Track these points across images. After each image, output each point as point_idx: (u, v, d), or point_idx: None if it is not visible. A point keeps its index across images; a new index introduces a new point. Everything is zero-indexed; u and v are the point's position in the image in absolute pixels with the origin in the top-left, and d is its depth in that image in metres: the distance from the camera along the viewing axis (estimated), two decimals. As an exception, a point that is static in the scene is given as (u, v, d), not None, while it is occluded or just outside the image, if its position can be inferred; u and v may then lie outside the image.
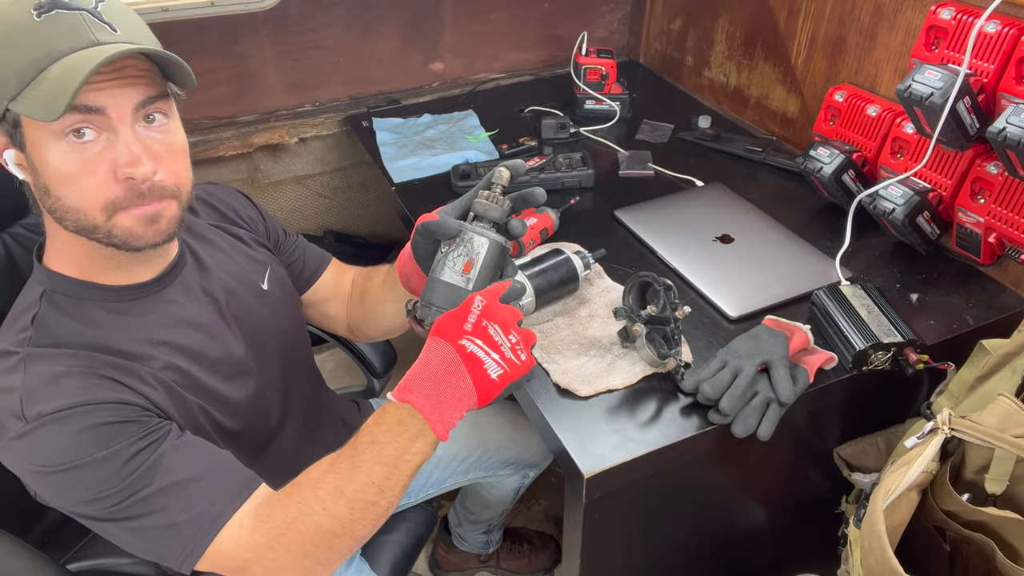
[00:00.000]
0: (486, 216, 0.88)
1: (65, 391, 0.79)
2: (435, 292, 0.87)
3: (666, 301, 1.02)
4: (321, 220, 2.05)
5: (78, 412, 0.78)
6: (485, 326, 0.79)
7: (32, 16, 0.74)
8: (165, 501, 0.80)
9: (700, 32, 1.88)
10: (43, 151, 0.77)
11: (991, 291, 1.22)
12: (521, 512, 1.98)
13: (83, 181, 0.78)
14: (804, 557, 1.31)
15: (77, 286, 0.87)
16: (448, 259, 0.87)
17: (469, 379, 0.78)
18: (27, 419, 0.78)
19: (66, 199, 0.79)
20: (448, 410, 0.79)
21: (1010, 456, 0.91)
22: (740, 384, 0.98)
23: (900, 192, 1.23)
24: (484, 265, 0.86)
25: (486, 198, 0.88)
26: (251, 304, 1.03)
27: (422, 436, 0.79)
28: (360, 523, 0.80)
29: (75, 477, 0.78)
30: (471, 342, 0.78)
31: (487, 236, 0.86)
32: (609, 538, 1.09)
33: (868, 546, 0.93)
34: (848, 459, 1.19)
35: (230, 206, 1.11)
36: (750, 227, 1.36)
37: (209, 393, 0.93)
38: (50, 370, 0.80)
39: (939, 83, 1.11)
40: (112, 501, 0.79)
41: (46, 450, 0.78)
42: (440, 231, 0.86)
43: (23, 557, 0.90)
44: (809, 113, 1.60)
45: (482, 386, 0.79)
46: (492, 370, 0.78)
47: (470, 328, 0.79)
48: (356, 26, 1.81)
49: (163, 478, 0.80)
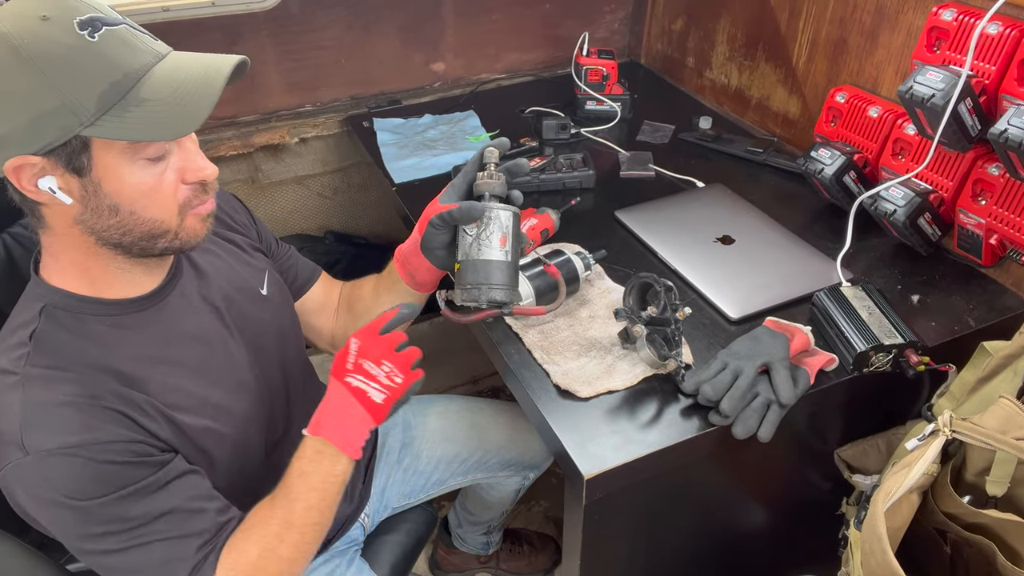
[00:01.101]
0: (493, 193, 0.92)
1: (68, 425, 0.79)
2: (481, 272, 0.91)
3: (667, 302, 1.02)
4: (322, 220, 2.05)
5: (83, 451, 0.78)
6: (360, 363, 0.93)
7: (86, 38, 0.73)
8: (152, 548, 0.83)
9: (701, 33, 1.87)
10: (118, 173, 0.78)
11: (992, 293, 1.22)
12: (521, 513, 1.98)
13: (160, 192, 0.81)
14: (804, 559, 1.30)
15: (77, 301, 0.86)
16: (481, 238, 0.91)
17: (360, 407, 0.92)
18: (27, 450, 0.77)
19: (144, 212, 0.81)
20: (351, 435, 0.92)
21: (1011, 458, 0.90)
22: (741, 385, 0.97)
23: (901, 193, 1.23)
24: (513, 234, 0.92)
25: (489, 176, 0.92)
26: (251, 310, 1.03)
27: (338, 459, 0.92)
28: (311, 544, 0.92)
29: (77, 513, 0.79)
30: (354, 378, 0.92)
31: (509, 209, 0.91)
32: (609, 539, 1.09)
33: (869, 548, 0.93)
34: (849, 461, 1.18)
35: (226, 212, 1.10)
36: (751, 228, 1.36)
37: (213, 408, 0.93)
38: (51, 397, 0.79)
39: (941, 84, 1.11)
40: (109, 542, 0.81)
41: (48, 483, 0.78)
42: (469, 216, 0.91)
43: (22, 557, 0.90)
44: (810, 114, 1.60)
45: (372, 409, 0.92)
46: (376, 396, 0.92)
47: (351, 367, 0.93)
48: (357, 26, 1.81)
49: (158, 525, 0.83)
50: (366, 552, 1.27)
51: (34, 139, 0.74)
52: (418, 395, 1.47)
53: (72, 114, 0.73)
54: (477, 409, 1.45)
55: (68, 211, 0.79)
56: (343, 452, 0.91)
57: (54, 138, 0.74)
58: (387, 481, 1.34)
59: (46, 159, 0.75)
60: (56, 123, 0.73)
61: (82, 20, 0.74)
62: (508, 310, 0.93)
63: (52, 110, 0.72)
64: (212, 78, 0.78)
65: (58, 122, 0.73)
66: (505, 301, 0.92)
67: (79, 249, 0.84)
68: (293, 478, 0.91)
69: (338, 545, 1.21)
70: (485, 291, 0.91)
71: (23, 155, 0.74)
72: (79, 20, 0.74)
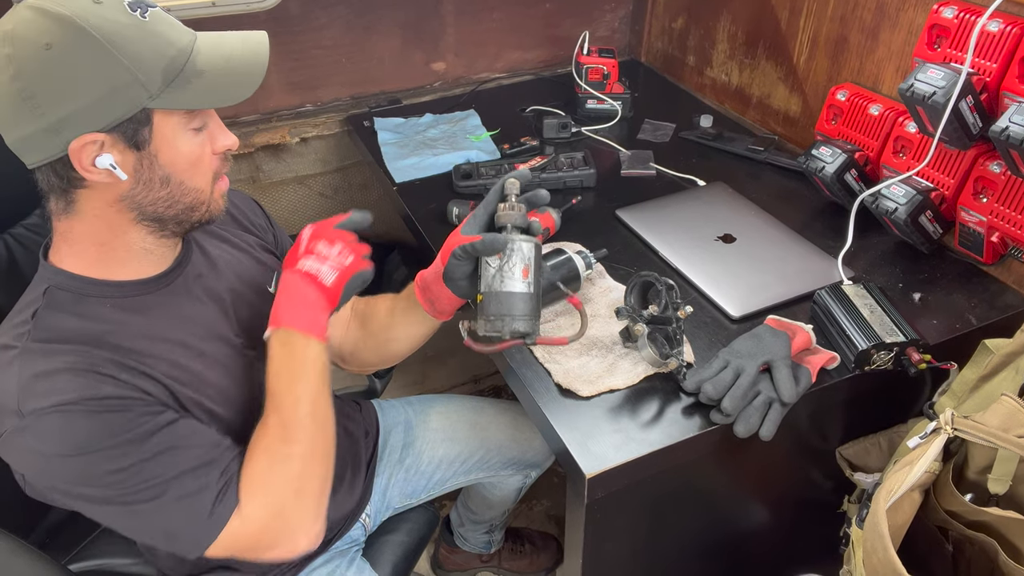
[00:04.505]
0: (514, 224, 0.94)
1: (65, 387, 0.79)
2: (504, 304, 0.92)
3: (668, 301, 1.02)
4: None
5: (79, 406, 0.78)
6: (313, 244, 0.95)
7: (138, 17, 0.79)
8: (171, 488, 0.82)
9: (702, 31, 1.87)
10: (176, 142, 0.83)
11: (994, 290, 1.22)
12: (523, 512, 1.98)
13: (203, 161, 0.87)
14: (806, 557, 1.30)
15: (82, 283, 0.87)
16: (504, 270, 0.92)
17: (314, 289, 0.92)
18: (24, 414, 0.78)
19: (190, 182, 0.86)
20: (310, 318, 0.91)
21: (1013, 456, 0.90)
22: (742, 384, 0.97)
23: (902, 191, 1.23)
24: (536, 266, 0.93)
25: (510, 208, 0.94)
26: (257, 306, 1.04)
27: (308, 344, 0.91)
28: (317, 441, 0.90)
29: (83, 463, 0.79)
30: (305, 262, 0.93)
31: (530, 240, 0.93)
32: (611, 538, 1.09)
33: (870, 546, 0.93)
34: (850, 459, 1.18)
35: (243, 212, 1.13)
36: (752, 227, 1.36)
37: (212, 389, 0.93)
38: (48, 365, 0.80)
39: (941, 82, 1.10)
40: (120, 488, 0.80)
41: (50, 439, 0.78)
42: (492, 248, 0.92)
43: (24, 557, 0.90)
44: (811, 112, 1.60)
45: (325, 292, 0.93)
46: (327, 277, 0.93)
47: (302, 251, 0.95)
48: (357, 26, 1.81)
49: (169, 460, 0.82)
50: (367, 552, 1.27)
51: (104, 115, 0.77)
52: (419, 395, 1.48)
53: (142, 87, 0.78)
54: (479, 408, 1.45)
55: (115, 190, 0.83)
56: (310, 335, 0.90)
57: (123, 112, 0.78)
58: (389, 481, 1.34)
59: (109, 135, 0.79)
60: (126, 97, 0.78)
61: (131, 2, 0.80)
62: (531, 340, 0.94)
63: (123, 85, 0.77)
64: (255, 49, 0.86)
65: (128, 96, 0.78)
66: (528, 332, 0.93)
67: (111, 230, 0.86)
68: (271, 381, 0.90)
69: (339, 545, 1.21)
70: (508, 322, 0.92)
71: (91, 132, 0.77)
72: (128, 2, 0.80)
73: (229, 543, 0.85)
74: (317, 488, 0.90)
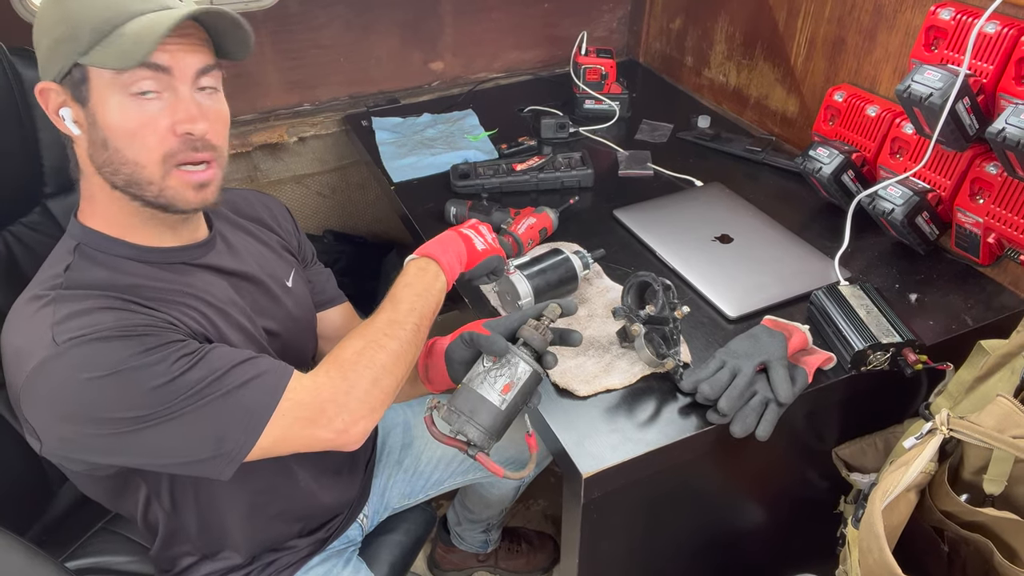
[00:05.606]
0: (531, 343, 0.93)
1: (99, 319, 0.80)
2: (470, 404, 0.89)
3: (665, 301, 1.03)
4: (320, 219, 2.05)
5: (115, 331, 0.79)
6: (475, 224, 1.13)
7: None
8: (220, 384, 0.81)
9: (700, 32, 1.88)
10: (108, 105, 0.82)
11: (990, 291, 1.22)
12: (520, 512, 1.98)
13: (144, 135, 0.83)
14: (802, 557, 1.30)
15: (111, 242, 0.89)
16: (490, 376, 0.90)
17: (463, 245, 1.07)
18: (59, 343, 0.77)
19: (126, 151, 0.84)
20: (451, 261, 1.04)
21: (1008, 457, 0.91)
22: (739, 384, 0.98)
23: (899, 192, 1.23)
24: (521, 390, 0.90)
25: (535, 328, 0.93)
26: (274, 294, 1.06)
27: (438, 277, 1.02)
28: (411, 344, 0.94)
29: (121, 382, 0.78)
30: (465, 229, 1.11)
31: (531, 365, 0.91)
32: (607, 538, 1.09)
33: (866, 546, 0.93)
34: (847, 459, 1.19)
35: (272, 214, 1.15)
36: (749, 227, 1.36)
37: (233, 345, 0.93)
38: (81, 306, 0.81)
39: (938, 83, 1.11)
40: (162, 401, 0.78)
41: (87, 362, 0.77)
42: (489, 348, 0.91)
43: (21, 554, 0.90)
44: (808, 113, 1.60)
45: (471, 252, 1.08)
46: (478, 243, 1.09)
47: (466, 228, 1.12)
48: (356, 25, 1.81)
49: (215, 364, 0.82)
50: (364, 552, 1.27)
51: (51, 65, 0.83)
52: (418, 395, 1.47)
53: (74, 41, 0.81)
54: (476, 408, 1.45)
55: (81, 145, 0.86)
56: (442, 271, 1.01)
57: (62, 65, 0.82)
58: (388, 481, 1.34)
59: (62, 87, 0.84)
60: (63, 50, 0.81)
61: None
62: (472, 452, 0.89)
63: (61, 37, 0.81)
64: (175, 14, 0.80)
65: (64, 48, 0.81)
66: (476, 444, 0.88)
67: (102, 189, 0.88)
68: (399, 288, 0.98)
69: (335, 545, 1.20)
70: (463, 423, 0.88)
71: (47, 81, 0.84)
72: None
73: (291, 409, 0.84)
74: (389, 387, 0.91)
